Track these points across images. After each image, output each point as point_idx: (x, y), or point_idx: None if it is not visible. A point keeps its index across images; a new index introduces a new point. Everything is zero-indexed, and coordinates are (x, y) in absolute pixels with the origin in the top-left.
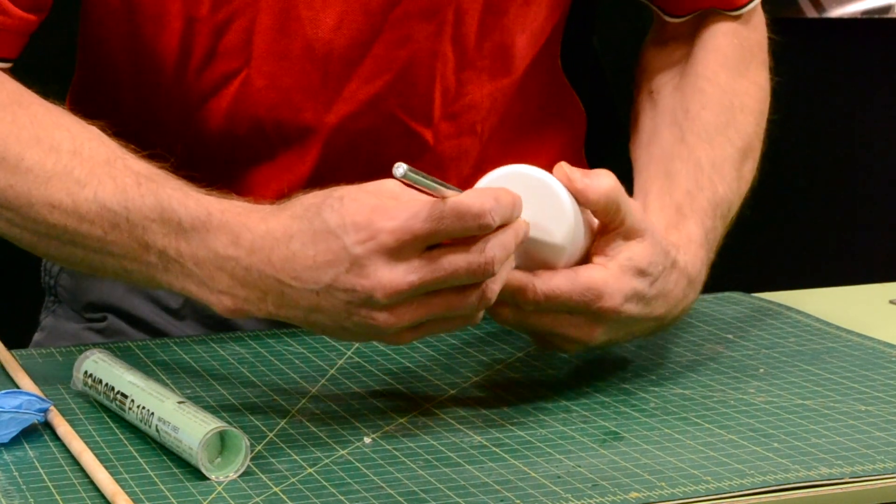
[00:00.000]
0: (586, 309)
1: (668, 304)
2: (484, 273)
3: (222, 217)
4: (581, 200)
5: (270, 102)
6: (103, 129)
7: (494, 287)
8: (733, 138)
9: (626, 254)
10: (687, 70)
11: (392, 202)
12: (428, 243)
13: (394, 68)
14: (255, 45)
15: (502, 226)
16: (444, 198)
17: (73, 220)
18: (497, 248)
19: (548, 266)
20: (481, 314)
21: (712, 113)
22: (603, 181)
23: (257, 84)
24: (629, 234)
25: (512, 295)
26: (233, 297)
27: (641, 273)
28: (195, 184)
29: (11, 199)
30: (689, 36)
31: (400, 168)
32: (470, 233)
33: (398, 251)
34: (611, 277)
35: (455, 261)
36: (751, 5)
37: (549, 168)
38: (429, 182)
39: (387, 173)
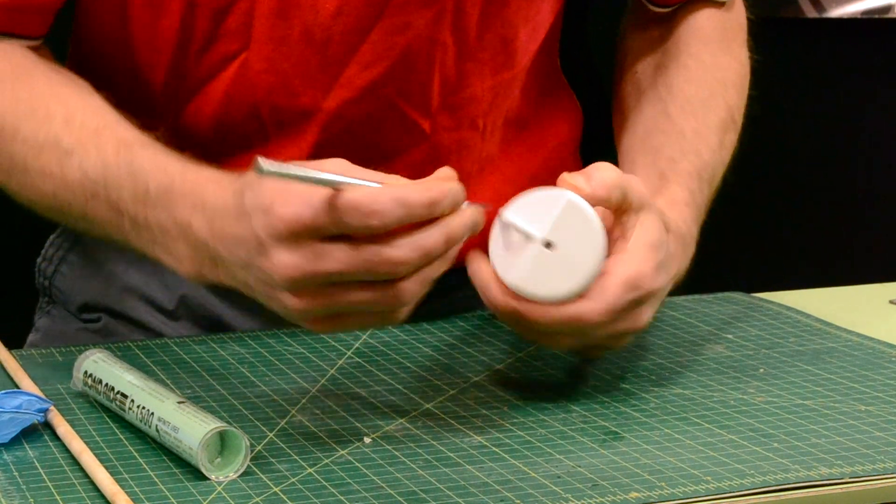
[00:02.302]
0: (634, 302)
1: (674, 267)
2: (386, 272)
3: (184, 185)
4: (594, 203)
5: (268, 86)
6: (106, 99)
7: (410, 287)
8: (716, 109)
9: (640, 231)
10: (669, 48)
11: (297, 187)
12: (325, 234)
13: (393, 55)
14: (254, 28)
15: (423, 223)
16: (339, 191)
17: (60, 188)
18: (407, 247)
19: (571, 287)
20: (404, 312)
21: (695, 87)
22: (607, 174)
23: (256, 68)
24: (638, 210)
25: (573, 325)
26: (191, 262)
27: (658, 245)
28: (177, 151)
29: (12, 168)
30: (669, 19)
31: (261, 163)
32: (362, 231)
33: (293, 238)
34: (641, 263)
35: (348, 256)
36: None
37: (548, 169)
38: (300, 174)
39: (383, 161)
